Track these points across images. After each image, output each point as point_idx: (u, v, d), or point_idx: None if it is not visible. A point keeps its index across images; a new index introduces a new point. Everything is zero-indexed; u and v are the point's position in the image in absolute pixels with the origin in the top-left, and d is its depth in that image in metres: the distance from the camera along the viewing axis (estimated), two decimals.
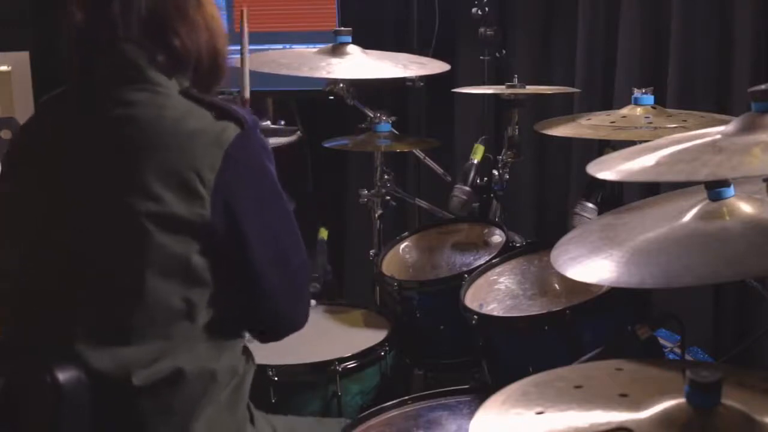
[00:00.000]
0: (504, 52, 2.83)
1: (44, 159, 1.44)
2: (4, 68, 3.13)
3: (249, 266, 1.40)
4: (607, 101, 2.89)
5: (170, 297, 1.34)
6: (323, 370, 1.93)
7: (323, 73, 2.35)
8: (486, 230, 2.38)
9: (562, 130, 2.12)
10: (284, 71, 2.33)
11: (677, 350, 2.08)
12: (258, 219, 1.40)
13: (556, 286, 1.96)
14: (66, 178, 1.39)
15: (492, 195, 2.54)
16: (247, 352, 1.52)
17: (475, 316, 1.90)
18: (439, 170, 2.77)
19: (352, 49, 2.44)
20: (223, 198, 1.35)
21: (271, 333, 1.53)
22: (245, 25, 2.07)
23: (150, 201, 1.32)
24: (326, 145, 2.67)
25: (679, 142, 1.27)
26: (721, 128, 1.26)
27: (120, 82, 1.39)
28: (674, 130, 1.92)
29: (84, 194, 1.37)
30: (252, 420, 1.51)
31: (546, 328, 1.79)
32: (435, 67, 2.52)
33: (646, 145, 1.35)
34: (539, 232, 3.12)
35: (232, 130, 1.38)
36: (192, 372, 1.36)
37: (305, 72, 2.33)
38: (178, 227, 1.33)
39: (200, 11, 1.45)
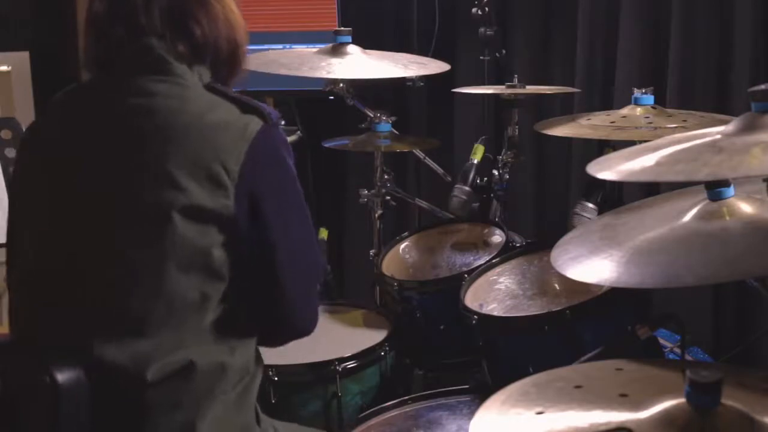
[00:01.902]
0: (504, 52, 2.83)
1: (63, 151, 1.43)
2: (4, 68, 3.13)
3: (268, 259, 1.41)
4: (607, 101, 2.89)
5: (188, 289, 1.34)
6: (323, 370, 1.94)
7: (323, 73, 2.35)
8: (486, 230, 2.38)
9: (562, 130, 2.12)
10: (284, 71, 2.33)
11: (677, 350, 2.08)
12: (279, 211, 1.41)
13: (556, 286, 1.96)
14: (86, 170, 1.39)
15: (492, 195, 2.54)
16: (258, 352, 1.52)
17: (475, 316, 1.90)
18: (439, 170, 2.77)
19: (352, 49, 2.44)
20: (247, 189, 1.36)
21: (279, 335, 1.52)
22: None
23: (175, 191, 1.32)
24: (326, 145, 2.67)
25: (679, 142, 1.27)
26: (721, 128, 1.26)
27: (143, 74, 1.40)
28: (674, 130, 1.92)
29: (105, 186, 1.37)
30: (258, 421, 1.51)
31: (546, 328, 1.79)
32: (435, 67, 2.52)
33: (646, 145, 1.34)
34: (539, 232, 3.12)
35: (256, 123, 1.39)
36: (203, 366, 1.36)
37: (305, 72, 2.33)
38: (202, 218, 1.33)
39: (220, 2, 1.46)
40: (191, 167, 1.33)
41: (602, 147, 2.13)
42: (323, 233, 2.54)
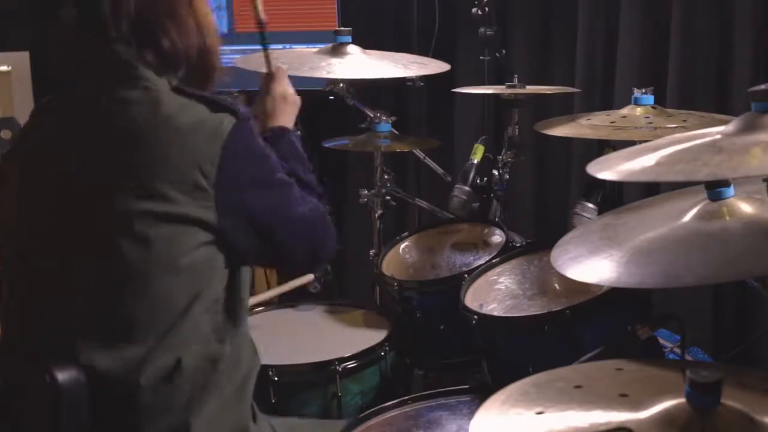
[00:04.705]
0: (504, 52, 2.83)
1: (43, 161, 1.44)
2: (4, 68, 3.13)
3: (266, 242, 1.43)
4: (607, 101, 2.89)
5: (175, 293, 1.35)
6: (323, 370, 1.93)
7: (323, 73, 2.35)
8: (486, 230, 2.38)
9: (562, 130, 2.12)
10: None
11: (677, 350, 2.08)
12: (263, 201, 1.42)
13: (556, 286, 1.96)
14: (65, 179, 1.39)
15: (492, 195, 2.54)
16: (253, 346, 1.52)
17: (475, 316, 1.89)
18: (439, 170, 2.77)
19: (352, 49, 2.44)
20: (227, 189, 1.36)
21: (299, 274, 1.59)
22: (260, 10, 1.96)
23: (153, 198, 1.32)
24: (326, 145, 2.67)
25: (679, 142, 1.27)
26: (721, 128, 1.26)
27: (114, 81, 1.39)
28: (674, 130, 1.92)
29: (85, 195, 1.37)
30: (255, 419, 1.52)
31: (546, 328, 1.79)
32: (435, 67, 2.52)
33: (646, 145, 1.34)
34: (539, 232, 3.12)
35: (228, 121, 1.39)
36: (195, 362, 1.37)
37: (305, 72, 2.32)
38: (183, 221, 1.34)
39: (191, 10, 1.45)
40: (169, 173, 1.33)
41: (602, 147, 2.13)
42: None
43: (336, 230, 1.57)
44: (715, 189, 1.38)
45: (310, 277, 2.34)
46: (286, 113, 1.75)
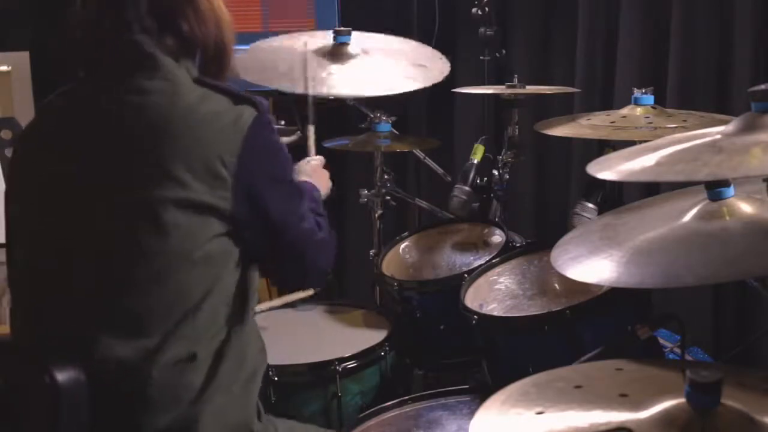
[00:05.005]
0: (504, 52, 2.83)
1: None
2: (4, 68, 3.13)
3: (276, 236, 1.45)
4: (607, 101, 2.89)
5: (190, 285, 1.35)
6: (323, 370, 1.94)
7: (323, 90, 2.26)
8: (486, 230, 2.38)
9: (562, 130, 2.11)
10: (285, 81, 2.30)
11: (677, 350, 2.08)
12: (277, 196, 1.44)
13: (556, 286, 1.96)
14: (81, 169, 1.39)
15: (492, 195, 2.54)
16: (261, 343, 1.53)
17: (475, 316, 1.90)
18: (439, 170, 2.77)
19: (353, 49, 2.40)
20: (245, 180, 1.37)
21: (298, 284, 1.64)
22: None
23: (173, 187, 1.33)
24: (326, 145, 2.66)
25: (679, 142, 1.27)
26: (721, 128, 1.26)
27: (133, 71, 1.40)
28: (674, 130, 1.92)
29: (100, 184, 1.37)
30: (260, 417, 1.52)
31: (546, 328, 1.79)
32: (436, 71, 2.49)
33: (646, 145, 1.34)
34: (539, 232, 3.12)
35: (249, 113, 1.41)
36: (205, 360, 1.37)
37: (309, 86, 2.27)
38: (200, 210, 1.35)
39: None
40: (188, 161, 1.34)
41: (602, 147, 2.13)
42: None
43: (336, 236, 1.59)
44: (715, 189, 1.37)
45: (310, 291, 2.34)
46: (319, 180, 1.83)
